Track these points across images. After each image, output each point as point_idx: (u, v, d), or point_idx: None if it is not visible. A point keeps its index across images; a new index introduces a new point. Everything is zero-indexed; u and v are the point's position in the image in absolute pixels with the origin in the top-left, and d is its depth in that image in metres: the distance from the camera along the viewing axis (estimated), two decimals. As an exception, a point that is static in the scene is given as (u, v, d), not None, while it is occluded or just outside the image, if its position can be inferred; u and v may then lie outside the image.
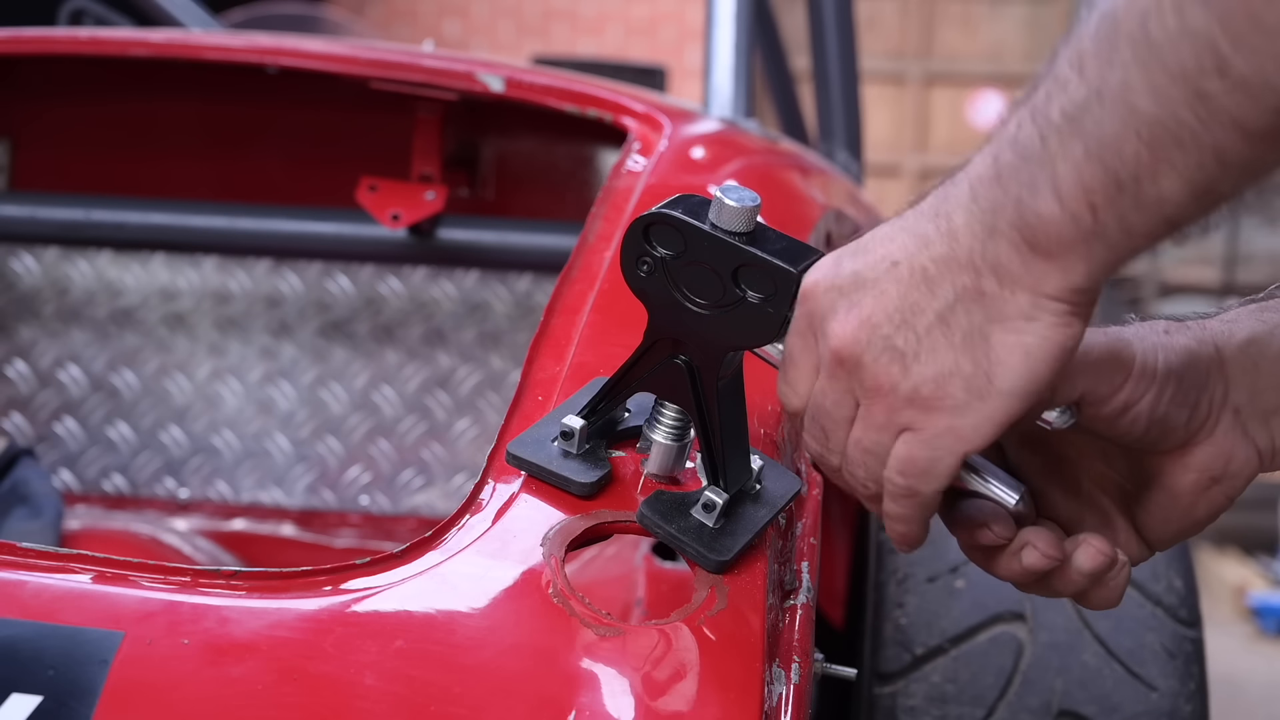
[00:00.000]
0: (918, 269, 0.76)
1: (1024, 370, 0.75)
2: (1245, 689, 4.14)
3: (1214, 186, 0.68)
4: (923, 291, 0.76)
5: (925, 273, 0.76)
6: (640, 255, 0.85)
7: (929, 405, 0.77)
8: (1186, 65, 0.65)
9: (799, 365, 0.83)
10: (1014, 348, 0.75)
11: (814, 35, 2.70)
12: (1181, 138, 0.67)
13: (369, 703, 0.79)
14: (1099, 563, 0.84)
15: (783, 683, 0.84)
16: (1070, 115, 0.70)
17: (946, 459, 0.78)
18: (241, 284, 2.00)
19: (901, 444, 0.79)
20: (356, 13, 7.95)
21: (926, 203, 0.78)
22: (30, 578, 0.86)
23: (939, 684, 1.34)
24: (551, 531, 0.88)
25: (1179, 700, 1.32)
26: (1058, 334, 0.75)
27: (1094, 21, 0.70)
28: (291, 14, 3.68)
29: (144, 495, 1.97)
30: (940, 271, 0.76)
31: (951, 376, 0.76)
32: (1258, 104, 0.65)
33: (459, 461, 1.96)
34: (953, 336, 0.76)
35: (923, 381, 0.76)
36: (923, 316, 0.76)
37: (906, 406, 0.77)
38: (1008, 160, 0.73)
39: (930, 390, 0.76)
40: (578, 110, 1.58)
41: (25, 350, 1.99)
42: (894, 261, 0.77)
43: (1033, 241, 0.73)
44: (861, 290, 0.78)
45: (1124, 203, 0.69)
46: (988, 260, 0.74)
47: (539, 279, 1.95)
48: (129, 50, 1.74)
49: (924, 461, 0.79)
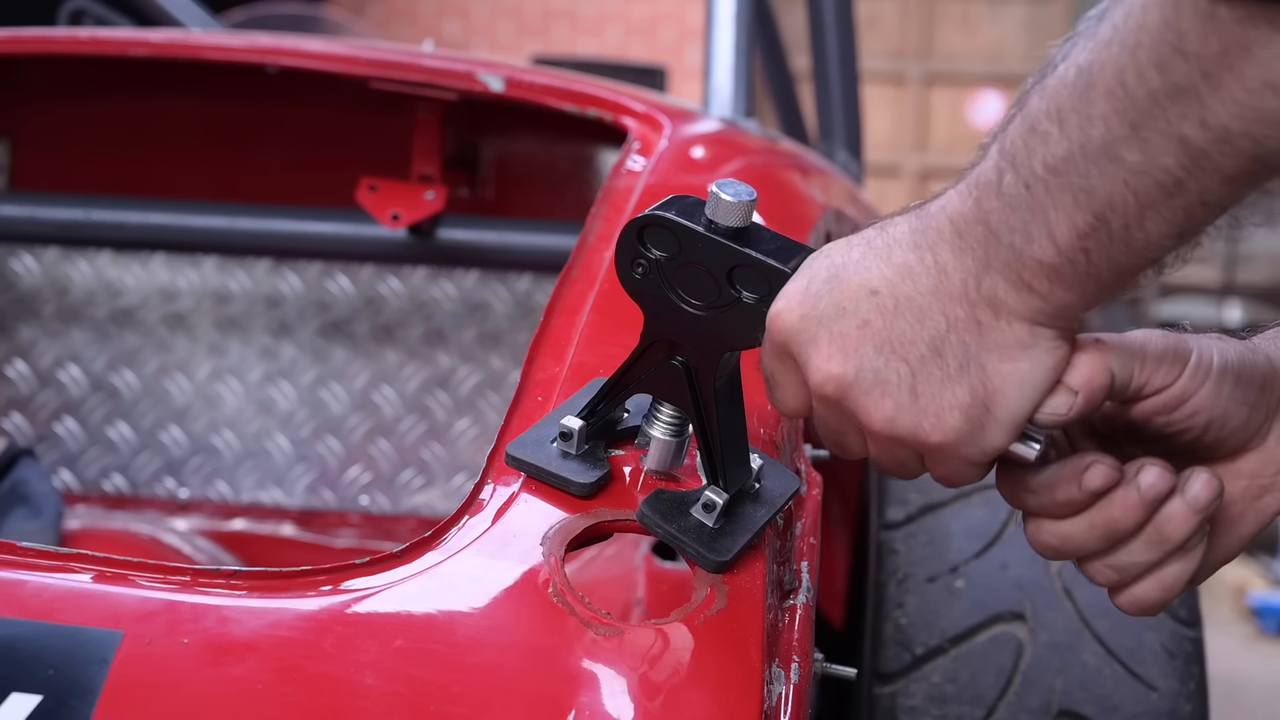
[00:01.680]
0: (903, 300, 0.77)
1: (1021, 398, 0.77)
2: (1245, 689, 4.14)
3: (1196, 226, 0.71)
4: (909, 322, 0.77)
5: (912, 303, 0.77)
6: (635, 257, 0.85)
7: (928, 437, 0.78)
8: (1171, 119, 0.67)
9: (784, 386, 0.84)
10: (1010, 375, 0.76)
11: (814, 35, 2.70)
12: (1167, 185, 0.69)
13: (369, 702, 0.79)
14: (1159, 489, 0.80)
15: (782, 683, 0.84)
16: (1054, 168, 0.72)
17: (965, 473, 0.80)
18: (241, 284, 2.00)
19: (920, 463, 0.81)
20: (356, 13, 7.96)
21: (898, 230, 0.79)
22: (30, 577, 0.86)
23: (939, 684, 1.34)
24: (551, 531, 0.88)
25: (1179, 700, 1.32)
26: (1050, 358, 0.77)
27: (1070, 73, 0.71)
28: (291, 14, 3.68)
29: (144, 495, 1.97)
30: (929, 303, 0.77)
31: (950, 409, 0.77)
32: (1239, 153, 0.67)
33: (459, 461, 1.96)
34: (947, 366, 0.77)
35: (922, 416, 0.78)
36: (914, 347, 0.77)
37: (909, 438, 0.79)
38: (993, 206, 0.74)
39: (931, 424, 0.78)
40: (578, 110, 1.58)
41: (25, 350, 1.99)
42: (873, 290, 0.78)
43: (1030, 282, 0.74)
44: (843, 319, 0.79)
45: (1115, 247, 0.72)
46: (983, 294, 0.76)
47: (539, 279, 1.95)
48: (129, 50, 1.74)
49: (946, 477, 0.81)
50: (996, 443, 0.78)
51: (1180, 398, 0.82)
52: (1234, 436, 0.84)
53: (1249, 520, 0.86)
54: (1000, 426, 0.78)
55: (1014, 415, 0.77)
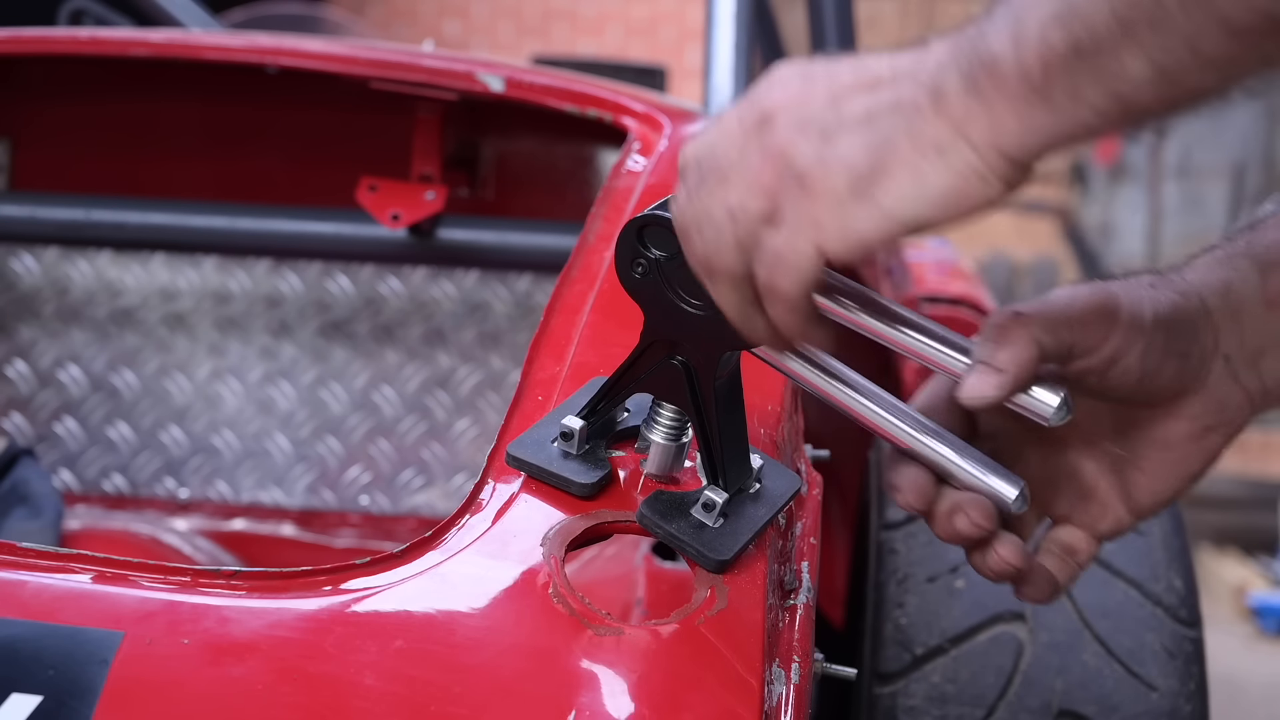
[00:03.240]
0: (882, 71, 0.74)
1: (907, 193, 0.72)
2: (1245, 689, 4.14)
3: (1180, 77, 0.65)
4: (868, 87, 0.74)
5: (882, 76, 0.74)
6: (634, 257, 0.85)
7: (809, 185, 0.74)
8: None
9: (728, 129, 0.78)
10: (910, 168, 0.72)
11: (814, 35, 2.70)
12: (1157, 17, 0.64)
13: (369, 703, 0.79)
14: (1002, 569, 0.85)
15: (783, 683, 0.84)
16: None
17: (804, 250, 0.75)
18: (241, 284, 2.00)
19: (766, 232, 0.76)
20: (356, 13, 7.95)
21: None
22: (30, 578, 0.86)
23: (939, 684, 1.34)
24: (551, 532, 0.88)
25: (1179, 700, 1.32)
26: (959, 181, 0.71)
27: None
28: (291, 14, 3.67)
29: (144, 495, 1.97)
30: (894, 78, 0.74)
31: (842, 163, 0.73)
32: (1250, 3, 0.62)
33: (459, 461, 1.96)
34: (868, 135, 0.73)
35: (818, 160, 0.73)
36: (854, 105, 0.74)
37: (791, 180, 0.74)
38: (988, 6, 0.71)
39: (820, 171, 0.73)
40: (578, 110, 1.58)
41: (25, 350, 1.99)
42: (866, 64, 0.75)
43: (975, 79, 0.70)
44: (822, 74, 0.76)
45: (1079, 69, 0.66)
46: (935, 81, 0.71)
47: (539, 279, 1.95)
48: (129, 50, 1.74)
49: (782, 249, 0.75)
50: (860, 226, 0.73)
51: (1112, 358, 0.82)
52: (1170, 386, 0.84)
53: (1194, 459, 0.87)
54: (873, 210, 0.73)
55: (892, 210, 0.72)
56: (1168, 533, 1.44)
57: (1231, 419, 0.86)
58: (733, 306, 0.80)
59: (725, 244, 0.77)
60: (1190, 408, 0.85)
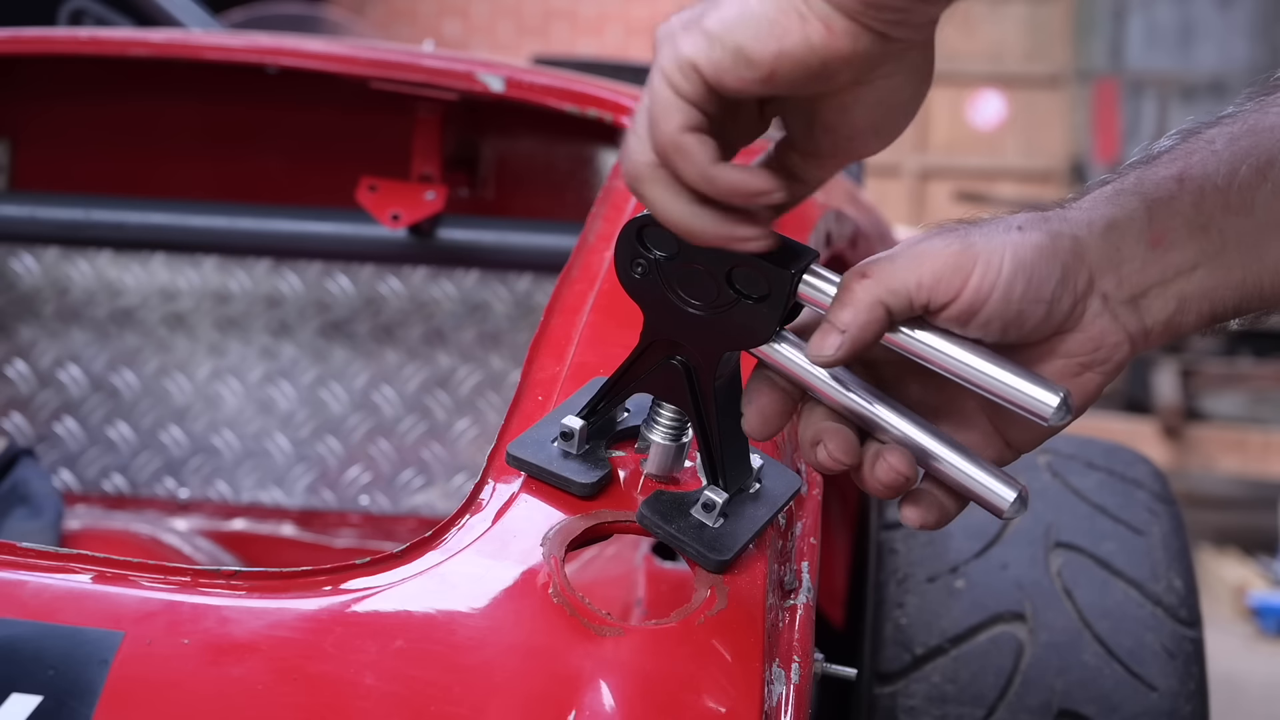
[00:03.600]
0: None
1: (728, 16, 0.73)
2: (1245, 689, 4.14)
3: None
4: None
5: None
6: (634, 257, 0.85)
7: (669, 35, 0.75)
8: None
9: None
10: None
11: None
12: None
13: (369, 703, 0.79)
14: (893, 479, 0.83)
15: (783, 683, 0.84)
16: None
17: (657, 88, 0.76)
18: (241, 284, 2.00)
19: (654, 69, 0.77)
20: (356, 13, 7.96)
21: None
22: (30, 578, 0.86)
23: (939, 684, 1.34)
24: (551, 532, 0.88)
25: (1179, 700, 1.32)
26: (778, 15, 0.72)
27: None
28: (291, 14, 3.68)
29: (144, 495, 1.97)
30: None
31: (695, 7, 0.74)
32: None
33: (459, 461, 1.96)
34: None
35: (684, 16, 0.74)
36: None
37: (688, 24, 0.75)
38: None
39: (678, 20, 0.75)
40: (578, 110, 1.58)
41: (25, 350, 1.99)
42: None
43: None
44: None
45: None
46: None
47: (539, 279, 1.95)
48: (129, 50, 1.74)
49: (648, 98, 0.77)
50: (685, 49, 0.74)
51: (969, 310, 0.81)
52: (1039, 328, 0.83)
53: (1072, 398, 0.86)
54: (698, 34, 0.73)
55: (711, 30, 0.73)
56: (1167, 533, 1.44)
57: (1108, 357, 0.84)
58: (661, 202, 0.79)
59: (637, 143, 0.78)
60: (1066, 346, 0.84)
